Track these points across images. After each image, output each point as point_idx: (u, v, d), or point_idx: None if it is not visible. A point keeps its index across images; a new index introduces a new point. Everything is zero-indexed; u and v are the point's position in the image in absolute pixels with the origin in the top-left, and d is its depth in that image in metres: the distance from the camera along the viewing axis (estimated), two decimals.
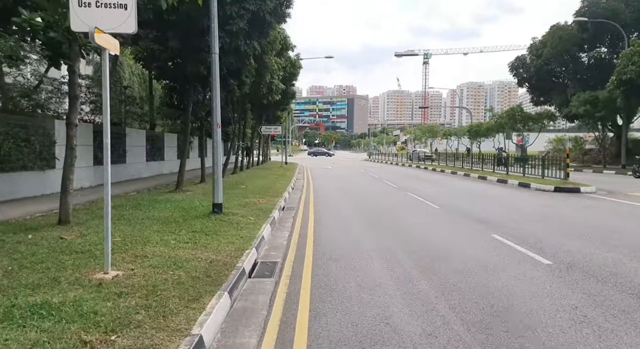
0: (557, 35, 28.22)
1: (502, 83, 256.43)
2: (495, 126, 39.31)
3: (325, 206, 11.10)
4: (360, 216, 9.52)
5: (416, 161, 41.11)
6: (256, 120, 30.09)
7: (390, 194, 14.14)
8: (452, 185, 17.34)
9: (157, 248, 5.44)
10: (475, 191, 14.91)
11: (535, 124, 35.58)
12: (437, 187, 16.39)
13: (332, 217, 9.40)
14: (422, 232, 7.66)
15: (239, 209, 9.04)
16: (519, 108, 35.85)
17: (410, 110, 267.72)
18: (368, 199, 12.55)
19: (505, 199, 12.57)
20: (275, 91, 20.76)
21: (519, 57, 33.93)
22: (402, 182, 18.60)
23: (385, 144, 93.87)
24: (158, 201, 9.80)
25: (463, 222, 8.60)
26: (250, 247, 5.79)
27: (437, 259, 5.76)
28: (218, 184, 8.19)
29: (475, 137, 45.93)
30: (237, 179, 17.17)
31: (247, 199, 10.86)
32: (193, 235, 6.33)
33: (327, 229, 7.97)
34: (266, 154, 45.12)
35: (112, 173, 15.00)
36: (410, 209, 10.56)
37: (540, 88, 32.07)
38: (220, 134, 8.29)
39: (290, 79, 25.21)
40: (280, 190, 13.58)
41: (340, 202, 11.98)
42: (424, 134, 65.78)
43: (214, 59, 8.13)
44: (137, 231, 6.40)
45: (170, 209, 8.63)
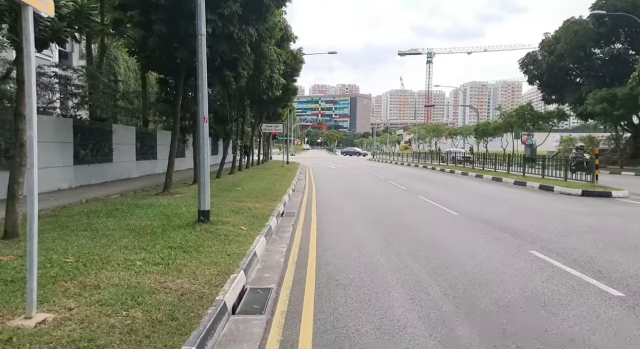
0: (572, 30, 26.90)
1: (506, 83, 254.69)
2: (503, 125, 38.11)
3: (329, 212, 9.90)
4: (369, 225, 8.31)
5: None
6: (256, 118, 28.92)
7: (400, 196, 12.93)
8: (466, 187, 16.10)
9: (117, 273, 4.26)
10: (493, 194, 13.68)
11: (545, 123, 34.44)
12: (451, 189, 15.16)
13: (338, 225, 8.20)
14: (446, 248, 6.45)
15: (230, 216, 7.85)
16: (529, 107, 34.64)
17: (413, 109, 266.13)
18: (377, 204, 11.35)
19: (530, 204, 11.34)
20: (275, 86, 19.57)
21: (529, 53, 32.61)
22: (411, 183, 17.38)
23: (389, 143, 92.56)
24: (139, 206, 8.62)
25: (491, 233, 7.38)
26: (238, 270, 4.61)
27: (472, 286, 4.56)
28: (204, 188, 7.01)
29: (482, 137, 44.78)
30: (233, 180, 15.99)
31: (242, 204, 9.67)
32: (168, 252, 5.14)
33: (332, 242, 6.77)
34: (267, 153, 43.97)
35: (97, 173, 13.88)
36: (426, 217, 9.34)
37: (552, 86, 30.73)
38: (207, 130, 7.10)
39: (292, 75, 24.01)
40: (279, 192, 12.39)
41: (346, 206, 10.78)
42: (428, 134, 64.57)
43: (200, 42, 6.95)
44: (100, 248, 5.22)
45: (150, 217, 7.45)
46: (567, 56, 27.65)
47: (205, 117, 7.05)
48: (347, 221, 8.64)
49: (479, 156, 30.53)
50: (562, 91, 30.15)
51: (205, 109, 7.06)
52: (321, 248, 6.32)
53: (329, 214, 9.51)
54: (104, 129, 13.28)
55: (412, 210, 10.25)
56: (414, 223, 8.52)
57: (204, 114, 7.05)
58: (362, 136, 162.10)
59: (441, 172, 25.55)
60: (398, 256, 5.84)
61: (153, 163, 17.54)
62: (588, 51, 27.78)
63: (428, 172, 25.76)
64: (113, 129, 13.80)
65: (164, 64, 11.60)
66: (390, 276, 4.95)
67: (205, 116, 7.06)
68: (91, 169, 12.39)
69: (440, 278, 4.84)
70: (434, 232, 7.65)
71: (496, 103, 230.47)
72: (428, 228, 8.00)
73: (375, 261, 5.58)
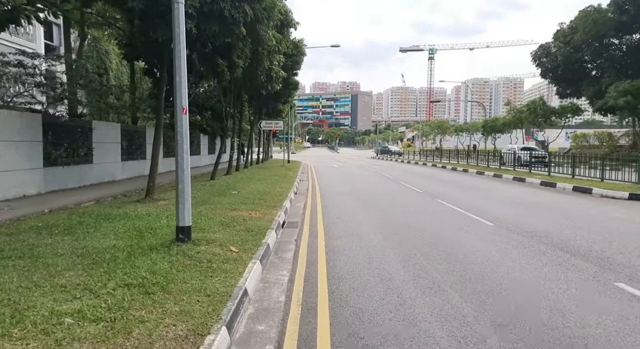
0: (590, 19, 25.26)
1: (508, 79, 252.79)
2: (513, 120, 36.54)
3: (337, 222, 8.39)
4: (388, 239, 6.79)
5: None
6: (255, 114, 27.39)
7: (417, 201, 11.41)
8: (488, 189, 14.57)
9: (23, 344, 2.75)
10: (524, 198, 12.14)
11: (558, 118, 32.86)
12: (472, 192, 13.64)
13: (350, 241, 6.68)
14: (501, 277, 4.93)
15: (219, 231, 6.35)
16: (541, 101, 33.04)
17: (415, 107, 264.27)
18: (392, 211, 9.83)
19: (574, 210, 9.81)
20: (275, 79, 18.01)
21: (542, 45, 30.97)
22: (425, 184, 15.84)
23: (391, 141, 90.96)
24: (110, 218, 7.12)
25: (547, 253, 5.87)
26: (218, 326, 3.12)
27: None
28: (184, 197, 5.49)
29: (490, 133, 43.18)
30: (229, 182, 14.49)
31: (235, 213, 8.17)
32: (122, 295, 3.63)
33: (347, 267, 5.26)
34: (267, 151, 42.46)
35: (74, 176, 11.89)
36: (457, 229, 7.81)
37: (568, 79, 29.11)
38: (186, 123, 5.58)
39: (293, 68, 22.44)
40: (279, 197, 10.89)
41: (356, 214, 9.27)
42: (432, 130, 62.90)
43: (178, 11, 5.41)
44: (24, 289, 3.72)
45: (118, 234, 5.95)
46: (585, 47, 26.03)
47: (184, 108, 5.53)
48: (359, 235, 7.13)
49: (489, 153, 28.93)
50: (579, 84, 28.53)
51: (184, 98, 5.53)
52: (334, 277, 4.81)
53: (337, 225, 8.00)
54: (82, 126, 11.76)
55: (437, 219, 8.73)
56: (445, 238, 7.00)
57: (182, 104, 5.53)
58: (363, 133, 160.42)
59: (453, 172, 23.99)
60: (440, 293, 4.33)
61: (142, 164, 16.03)
62: (608, 41, 26.15)
63: (438, 171, 24.20)
64: (93, 126, 12.28)
65: (147, 51, 10.09)
66: (438, 331, 3.44)
67: (184, 106, 5.54)
68: (66, 171, 10.88)
69: (511, 332, 3.33)
70: (476, 250, 6.12)
71: (498, 100, 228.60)
72: (466, 245, 6.47)
73: (410, 301, 4.06)
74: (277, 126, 26.75)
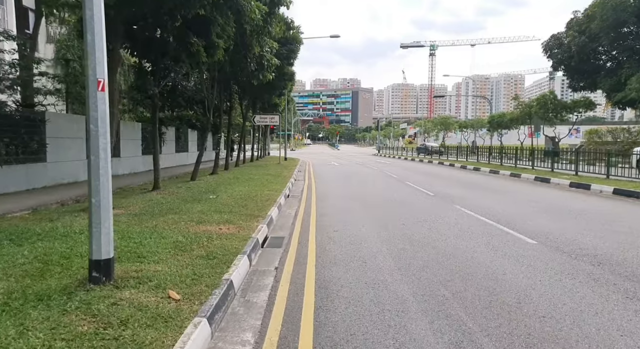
0: (609, 5, 23.29)
1: (509, 76, 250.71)
2: (521, 116, 34.67)
3: (335, 237, 6.55)
4: (403, 268, 4.94)
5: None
6: (248, 108, 25.50)
7: (430, 207, 9.54)
8: (510, 191, 12.70)
9: None
10: (559, 204, 10.24)
11: (570, 113, 31.01)
12: (492, 195, 11.77)
13: (352, 270, 4.83)
14: (594, 343, 3.08)
15: (165, 260, 4.50)
16: (552, 95, 31.19)
17: (415, 103, 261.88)
18: (404, 222, 7.98)
19: (636, 221, 7.95)
20: (267, 67, 16.10)
21: (554, 35, 29.00)
22: (435, 185, 13.98)
23: (393, 137, 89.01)
24: (22, 237, 5.28)
25: (631, 291, 4.02)
26: None
27: None
28: (99, 216, 3.65)
29: (496, 129, 41.29)
30: (211, 183, 12.63)
31: (201, 227, 6.33)
32: None
33: (347, 323, 3.41)
34: (265, 148, 40.59)
35: (18, 177, 7.13)
36: (489, 247, 5.96)
37: (582, 71, 27.16)
38: (105, 105, 3.74)
39: (288, 57, 20.53)
40: (266, 202, 9.05)
41: (359, 226, 7.42)
42: (435, 127, 61.02)
43: None
44: None
45: (14, 265, 4.11)
46: (604, 36, 24.06)
47: (100, 81, 3.67)
48: (363, 260, 5.27)
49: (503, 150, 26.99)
50: (594, 76, 26.60)
51: (99, 67, 3.67)
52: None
53: (334, 243, 6.15)
54: (30, 118, 9.88)
55: (461, 234, 6.86)
56: (480, 266, 5.13)
57: (96, 76, 3.66)
58: (364, 130, 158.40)
59: (463, 170, 22.09)
60: None
61: (114, 162, 14.17)
62: (628, 30, 24.18)
63: (447, 170, 22.30)
64: (47, 118, 10.39)
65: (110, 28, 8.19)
66: None
67: (100, 79, 3.67)
68: (8, 171, 9.03)
69: None
70: (531, 289, 4.25)
71: (499, 96, 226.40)
72: (513, 279, 4.60)
73: None
74: (272, 121, 24.85)
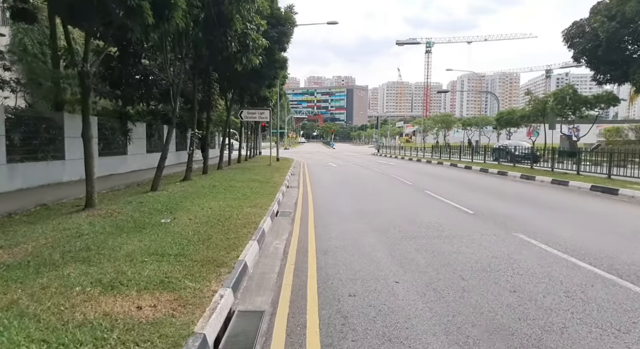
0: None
1: (504, 74, 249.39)
2: (533, 112, 31.94)
3: (354, 317, 3.56)
4: None
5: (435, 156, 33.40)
6: (237, 102, 22.38)
7: (481, 233, 6.59)
8: (572, 207, 9.79)
9: None
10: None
11: (590, 109, 28.35)
12: (548, 211, 8.83)
13: None
14: None
15: None
16: (571, 89, 28.50)
17: (410, 102, 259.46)
18: (461, 268, 5.02)
19: None
20: (253, 48, 13.08)
21: (576, 22, 26.21)
22: (468, 197, 11.04)
23: (389, 136, 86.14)
24: None
25: None
26: None
27: None
28: None
29: (505, 127, 38.56)
30: (177, 195, 9.57)
31: (101, 305, 3.29)
32: None
33: None
34: (256, 147, 37.47)
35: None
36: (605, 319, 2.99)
37: (610, 61, 24.35)
38: None
39: (279, 41, 17.47)
40: (242, 230, 6.05)
41: (390, 282, 4.45)
42: (436, 124, 58.29)
43: None
44: None
45: None
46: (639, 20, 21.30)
47: None
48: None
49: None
50: (625, 66, 23.81)
51: None
52: None
53: (358, 339, 3.14)
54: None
55: (571, 300, 3.92)
56: None
57: None
58: (359, 128, 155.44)
59: (484, 174, 19.15)
60: None
61: (55, 167, 11.04)
62: None
63: (465, 174, 19.33)
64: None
65: None
66: None
67: None
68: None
69: None
70: None
71: (494, 92, 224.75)
72: None
73: None
74: (262, 117, 21.73)
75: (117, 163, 15.03)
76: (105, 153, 14.08)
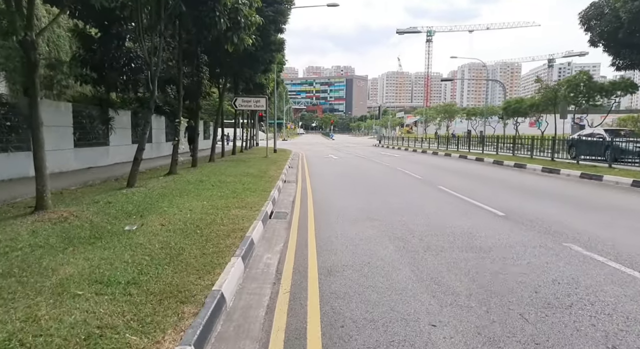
0: None
1: (505, 64, 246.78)
2: (542, 101, 30.50)
3: None
4: None
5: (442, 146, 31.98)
6: (231, 90, 20.95)
7: (529, 251, 5.29)
8: (616, 207, 8.48)
9: None
10: None
11: (606, 96, 26.97)
12: (595, 214, 7.53)
13: None
14: None
15: None
16: (586, 76, 27.05)
17: (410, 92, 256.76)
18: (520, 304, 3.70)
19: None
20: (245, 26, 11.60)
21: (594, 3, 24.60)
22: (488, 195, 9.73)
23: (390, 126, 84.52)
24: None
25: None
26: None
27: None
28: None
29: (512, 116, 37.07)
30: (155, 193, 8.23)
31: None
32: None
33: None
34: (253, 138, 36.01)
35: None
36: None
37: (632, 44, 22.84)
38: None
39: (275, 20, 15.96)
40: (226, 241, 4.74)
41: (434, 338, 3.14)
42: (438, 114, 56.70)
43: None
44: None
45: None
46: None
47: None
48: None
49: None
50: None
51: None
52: None
53: None
54: None
55: None
56: None
57: None
58: (359, 119, 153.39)
59: (499, 167, 17.79)
60: None
61: (18, 159, 9.67)
62: None
63: (481, 167, 17.95)
64: None
65: None
66: None
67: None
68: None
69: None
70: None
71: (495, 84, 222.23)
72: None
73: None
74: (257, 105, 20.28)
75: (98, 155, 13.65)
76: (83, 144, 12.70)
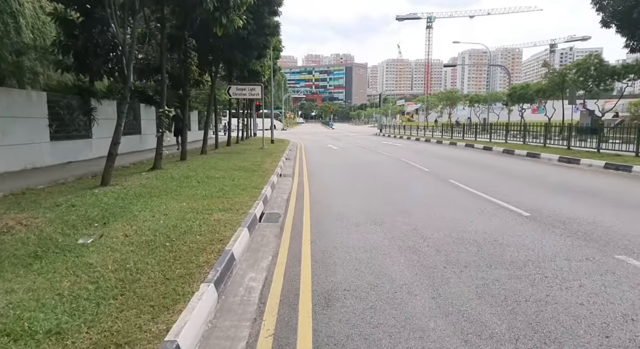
0: None
1: (506, 49, 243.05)
2: (550, 86, 29.32)
3: None
4: None
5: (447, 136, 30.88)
6: (224, 79, 19.82)
7: (569, 257, 4.36)
8: None
9: None
10: None
11: (618, 80, 25.81)
12: (637, 212, 6.58)
13: None
14: None
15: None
16: (597, 59, 25.84)
17: (410, 79, 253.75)
18: None
19: None
20: (234, 5, 10.48)
21: None
22: (505, 190, 8.77)
23: (391, 115, 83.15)
24: None
25: None
26: None
27: None
28: None
29: (517, 103, 35.83)
30: (131, 192, 7.26)
31: None
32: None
33: None
34: (250, 127, 34.89)
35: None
36: None
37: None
38: None
39: (269, 2, 14.76)
40: (198, 258, 3.77)
41: None
42: (440, 102, 55.40)
43: None
44: None
45: None
46: None
47: None
48: None
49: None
50: None
51: None
52: None
53: None
54: None
55: None
56: None
57: None
58: (359, 107, 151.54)
59: (511, 157, 16.79)
60: None
61: None
62: None
63: (493, 158, 16.88)
64: None
65: None
66: None
67: None
68: None
69: None
70: None
71: (496, 71, 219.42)
72: None
73: None
74: (252, 94, 19.17)
75: (79, 148, 12.67)
76: (61, 137, 11.71)
